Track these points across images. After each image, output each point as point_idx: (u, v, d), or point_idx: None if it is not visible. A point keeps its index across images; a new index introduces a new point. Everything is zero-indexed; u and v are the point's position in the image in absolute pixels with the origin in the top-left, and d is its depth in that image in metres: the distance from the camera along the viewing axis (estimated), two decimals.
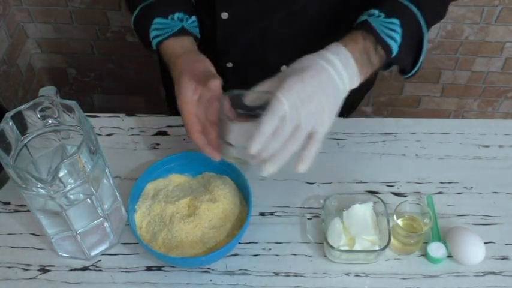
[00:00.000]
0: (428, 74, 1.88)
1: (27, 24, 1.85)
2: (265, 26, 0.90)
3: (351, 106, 1.14)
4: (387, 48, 0.73)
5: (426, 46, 0.76)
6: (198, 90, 0.77)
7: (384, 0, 0.76)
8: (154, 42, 0.84)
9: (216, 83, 0.75)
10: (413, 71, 0.79)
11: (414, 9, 0.74)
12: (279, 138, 0.66)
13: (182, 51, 0.82)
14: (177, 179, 0.87)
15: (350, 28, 0.75)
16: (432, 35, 1.75)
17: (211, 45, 0.93)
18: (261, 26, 0.90)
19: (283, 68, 0.96)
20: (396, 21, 0.73)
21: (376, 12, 0.74)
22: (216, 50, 0.94)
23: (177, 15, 0.84)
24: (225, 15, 0.87)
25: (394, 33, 0.73)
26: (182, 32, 0.83)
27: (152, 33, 0.83)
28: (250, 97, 0.72)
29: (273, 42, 0.93)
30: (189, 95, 0.76)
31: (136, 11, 0.86)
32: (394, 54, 0.73)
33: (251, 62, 0.97)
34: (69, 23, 1.84)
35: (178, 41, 0.83)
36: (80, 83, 2.05)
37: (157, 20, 0.83)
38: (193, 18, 0.86)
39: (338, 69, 0.69)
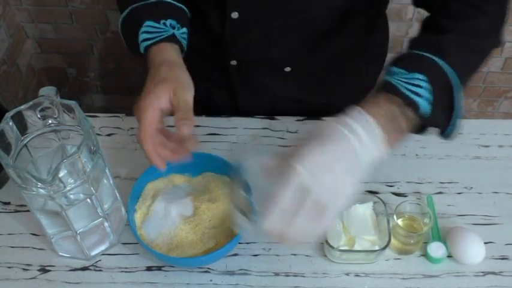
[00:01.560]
0: None
1: (27, 24, 1.85)
2: (274, 29, 0.90)
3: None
4: (415, 106, 0.65)
5: (460, 101, 0.68)
6: (164, 107, 0.73)
7: (401, 56, 0.70)
8: (142, 46, 0.80)
9: (188, 130, 0.69)
10: (450, 130, 0.69)
11: (438, 60, 0.67)
12: (306, 223, 0.59)
13: (167, 59, 0.78)
14: (177, 179, 0.87)
15: (373, 91, 0.69)
16: None
17: (216, 43, 0.93)
18: (269, 28, 0.89)
19: (287, 69, 0.97)
20: (421, 76, 0.66)
21: (396, 69, 0.68)
22: (221, 47, 0.94)
23: (169, 21, 0.82)
24: (235, 15, 0.86)
25: (420, 89, 0.65)
26: (172, 39, 0.80)
27: (141, 36, 0.80)
28: (264, 170, 0.64)
29: (280, 44, 0.93)
30: (152, 115, 0.72)
31: (126, 12, 0.84)
32: (424, 112, 0.65)
33: (255, 61, 0.97)
34: (69, 23, 1.84)
35: (166, 47, 0.80)
36: (80, 83, 2.05)
37: (147, 23, 0.80)
38: (185, 29, 0.83)
39: (361, 137, 0.62)
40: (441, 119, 0.68)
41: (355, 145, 0.61)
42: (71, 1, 1.77)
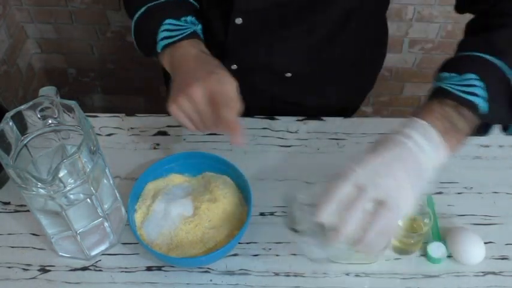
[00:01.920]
0: (428, 74, 1.88)
1: (27, 24, 1.85)
2: (277, 37, 0.90)
3: (353, 107, 1.14)
4: (471, 106, 0.64)
5: None
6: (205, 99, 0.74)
7: (450, 60, 0.70)
8: (161, 44, 0.80)
9: (233, 119, 0.71)
10: None
11: (489, 57, 0.66)
12: (356, 219, 0.59)
13: (198, 52, 0.79)
14: (177, 179, 0.87)
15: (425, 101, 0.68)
16: (432, 35, 1.76)
17: (218, 47, 0.93)
18: (271, 35, 0.90)
19: (288, 74, 0.97)
20: (473, 75, 0.65)
21: (447, 74, 0.67)
22: (222, 51, 0.94)
23: (189, 18, 0.82)
24: (239, 21, 0.86)
25: (474, 89, 0.64)
26: (195, 35, 0.81)
27: (161, 34, 0.80)
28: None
29: (281, 51, 0.93)
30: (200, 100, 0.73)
31: (142, 11, 0.83)
32: (483, 110, 0.64)
33: (256, 67, 0.96)
34: (69, 23, 1.84)
35: (192, 43, 0.80)
36: (80, 83, 2.05)
37: (168, 21, 0.80)
38: (200, 26, 0.84)
39: (418, 142, 0.62)
40: (502, 114, 0.66)
41: (413, 149, 0.61)
42: (71, 1, 1.77)
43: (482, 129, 0.69)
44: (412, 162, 0.61)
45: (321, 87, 1.02)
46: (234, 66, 0.96)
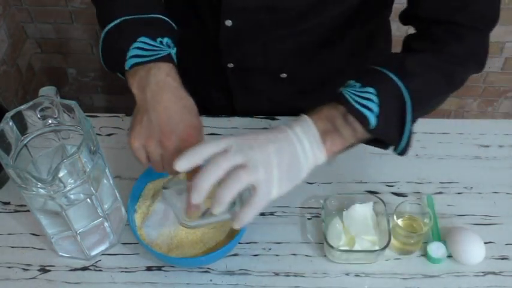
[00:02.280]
0: None
1: (27, 24, 1.85)
2: (269, 38, 0.89)
3: None
4: (361, 118, 0.67)
5: (410, 118, 0.68)
6: None
7: (363, 70, 0.72)
8: (131, 62, 0.73)
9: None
10: (401, 146, 0.70)
11: (394, 77, 0.68)
12: (216, 169, 0.62)
13: (172, 82, 0.73)
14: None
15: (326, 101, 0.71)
16: None
17: (213, 46, 0.93)
18: (264, 37, 0.89)
19: (283, 75, 0.97)
20: (371, 89, 0.67)
21: (352, 82, 0.70)
22: (218, 51, 0.94)
23: (166, 40, 0.75)
24: (228, 23, 0.86)
25: (369, 103, 0.67)
26: (169, 59, 0.74)
27: (132, 52, 0.73)
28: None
29: (274, 52, 0.92)
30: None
31: (116, 22, 0.75)
32: (372, 125, 0.67)
33: (252, 67, 0.96)
34: (69, 23, 1.84)
35: (165, 69, 0.73)
36: (80, 83, 2.05)
37: (143, 39, 0.73)
38: (175, 49, 0.77)
39: (297, 133, 0.66)
40: (390, 133, 0.69)
41: (291, 137, 0.66)
42: (71, 1, 1.77)
43: (382, 144, 0.71)
44: (287, 147, 0.65)
45: (319, 89, 1.02)
46: (231, 65, 0.96)
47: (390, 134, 0.69)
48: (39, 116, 0.72)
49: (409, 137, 0.69)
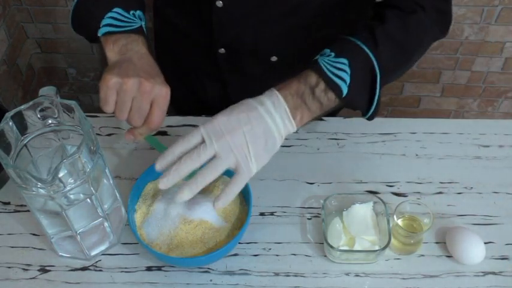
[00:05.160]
0: (428, 74, 1.88)
1: (27, 24, 1.85)
2: (259, 20, 0.90)
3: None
4: (335, 88, 0.72)
5: (380, 87, 0.75)
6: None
7: (338, 40, 0.76)
8: (103, 30, 0.78)
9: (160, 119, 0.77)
10: (370, 113, 0.77)
11: (366, 48, 0.74)
12: (190, 163, 0.68)
13: (143, 50, 0.79)
14: None
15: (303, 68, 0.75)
16: None
17: (206, 30, 0.93)
18: (255, 19, 0.90)
19: (273, 58, 0.97)
20: (345, 60, 0.72)
21: (328, 51, 0.74)
22: (209, 35, 0.94)
23: (138, 12, 0.81)
24: (219, 4, 0.87)
25: (342, 73, 0.72)
26: (141, 32, 0.80)
27: (105, 21, 0.78)
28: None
29: (266, 35, 0.93)
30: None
31: None
32: (344, 95, 0.72)
33: (242, 50, 0.97)
34: (69, 23, 1.84)
35: (137, 40, 0.79)
36: (80, 83, 2.05)
37: (116, 9, 0.79)
38: (145, 22, 0.83)
39: (269, 109, 0.70)
40: (360, 101, 0.75)
41: (263, 114, 0.69)
42: (71, 1, 1.77)
43: (345, 105, 0.76)
44: (261, 126, 0.69)
45: None
46: (222, 50, 0.97)
47: (360, 102, 0.75)
48: (39, 116, 0.72)
49: (377, 104, 0.75)
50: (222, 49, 0.97)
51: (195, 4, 0.92)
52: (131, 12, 0.80)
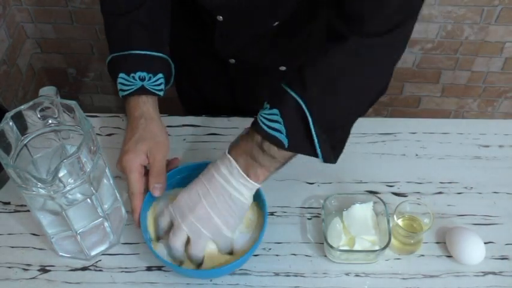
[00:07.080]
0: (428, 74, 1.88)
1: (27, 24, 1.85)
2: (259, 33, 0.90)
3: None
4: (275, 141, 0.69)
5: (315, 130, 0.69)
6: (144, 162, 0.82)
7: (274, 90, 0.73)
8: (120, 94, 0.87)
9: (159, 193, 0.80)
10: (321, 156, 0.71)
11: (293, 94, 0.69)
12: (177, 248, 0.75)
13: (144, 113, 0.85)
14: None
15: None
16: (432, 35, 1.76)
17: (211, 42, 0.94)
18: (254, 32, 0.90)
19: (282, 68, 0.97)
20: (276, 111, 0.70)
21: (265, 103, 0.72)
22: (215, 47, 0.94)
23: (138, 74, 0.85)
24: (220, 18, 0.88)
25: (277, 124, 0.69)
26: (142, 90, 0.85)
27: (118, 86, 0.87)
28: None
29: (268, 47, 0.93)
30: (138, 175, 0.80)
31: (109, 59, 0.89)
32: (286, 145, 0.69)
33: (251, 62, 0.97)
34: (69, 23, 1.84)
35: (141, 100, 0.86)
36: (80, 83, 2.05)
37: (121, 75, 0.86)
38: (159, 76, 0.87)
39: (224, 174, 0.72)
40: (304, 148, 0.71)
41: (221, 182, 0.72)
42: (71, 1, 1.77)
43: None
44: (220, 195, 0.72)
45: None
46: (232, 61, 0.98)
47: (304, 149, 0.71)
48: (39, 116, 0.72)
49: (324, 146, 0.70)
50: (232, 60, 0.98)
51: (200, 18, 0.94)
52: (131, 75, 0.86)
